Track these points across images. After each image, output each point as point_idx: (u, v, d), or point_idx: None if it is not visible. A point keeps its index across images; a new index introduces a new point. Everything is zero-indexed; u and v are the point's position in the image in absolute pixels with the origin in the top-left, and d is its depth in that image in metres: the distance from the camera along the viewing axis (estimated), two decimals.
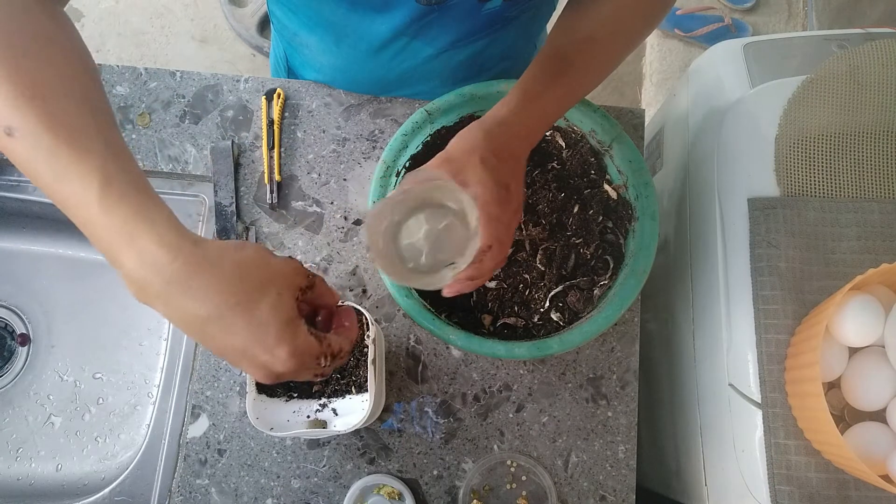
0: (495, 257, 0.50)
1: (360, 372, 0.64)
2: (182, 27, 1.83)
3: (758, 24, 1.78)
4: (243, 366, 0.40)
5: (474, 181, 0.48)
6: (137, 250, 0.37)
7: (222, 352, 0.39)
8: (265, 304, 0.39)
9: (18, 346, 0.87)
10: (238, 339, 0.38)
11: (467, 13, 0.65)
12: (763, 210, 0.69)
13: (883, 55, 0.73)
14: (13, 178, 0.81)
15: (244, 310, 0.38)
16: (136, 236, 0.37)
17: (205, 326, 0.38)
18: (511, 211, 0.51)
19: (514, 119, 0.52)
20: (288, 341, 0.39)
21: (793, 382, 0.63)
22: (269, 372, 0.40)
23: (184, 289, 0.37)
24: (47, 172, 0.37)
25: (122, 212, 0.37)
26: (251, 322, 0.38)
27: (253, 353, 0.39)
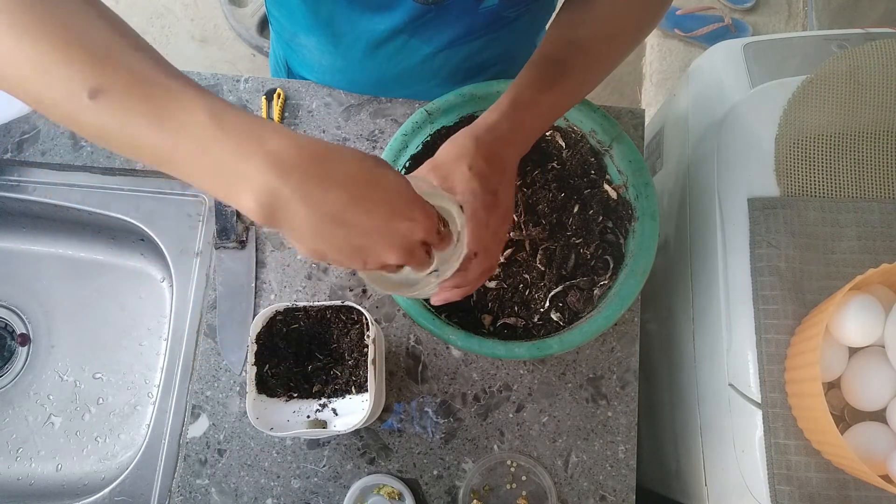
0: (482, 265, 0.49)
1: (360, 372, 0.64)
2: (182, 27, 1.83)
3: (758, 24, 1.78)
4: (384, 246, 0.40)
5: (462, 188, 0.48)
6: (268, 153, 0.36)
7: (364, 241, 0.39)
8: (391, 178, 0.40)
9: (18, 346, 0.87)
10: (378, 216, 0.38)
11: (465, 12, 0.65)
12: (763, 210, 0.69)
13: (883, 55, 0.73)
14: (13, 178, 0.81)
15: (378, 185, 0.39)
16: (263, 139, 0.36)
17: (346, 214, 0.38)
18: (499, 218, 0.50)
19: (505, 125, 0.51)
20: (420, 203, 0.41)
21: (793, 382, 0.63)
22: (411, 241, 0.40)
23: (321, 179, 0.37)
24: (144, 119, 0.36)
25: (239, 125, 0.36)
26: (387, 194, 0.39)
27: (394, 224, 0.39)
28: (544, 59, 0.54)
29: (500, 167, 0.51)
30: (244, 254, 0.76)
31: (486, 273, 0.51)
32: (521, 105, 0.52)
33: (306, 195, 0.36)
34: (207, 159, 0.36)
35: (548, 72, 0.53)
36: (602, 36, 0.55)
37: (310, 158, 0.37)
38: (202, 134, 0.36)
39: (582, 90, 0.57)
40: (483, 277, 0.51)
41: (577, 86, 0.55)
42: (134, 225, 0.81)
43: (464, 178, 0.48)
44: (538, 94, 0.53)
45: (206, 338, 0.74)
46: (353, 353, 0.65)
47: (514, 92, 0.53)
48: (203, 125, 0.36)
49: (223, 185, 0.37)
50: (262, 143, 0.36)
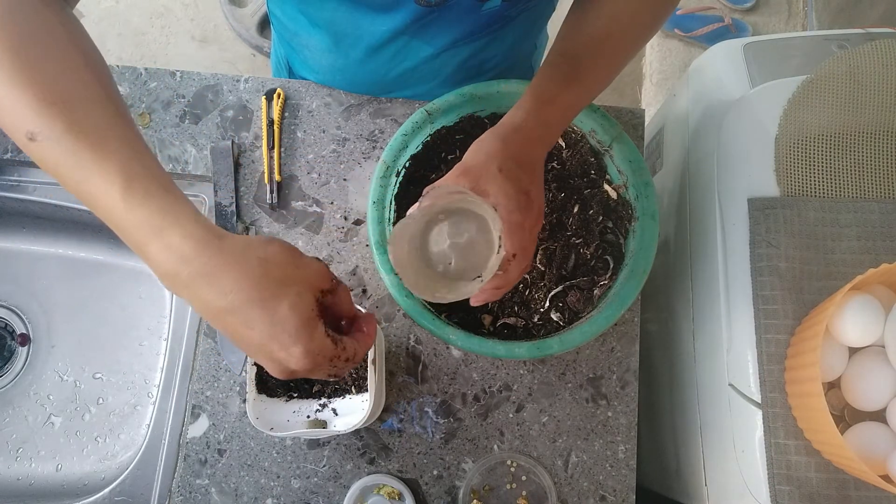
0: (520, 264, 0.50)
1: (360, 372, 0.64)
2: (182, 27, 1.83)
3: (758, 24, 1.78)
4: (259, 359, 0.41)
5: (494, 190, 0.48)
6: (165, 244, 0.38)
7: (240, 343, 0.41)
8: (285, 303, 0.40)
9: (18, 346, 0.87)
10: (255, 334, 0.39)
11: (467, 13, 0.65)
12: (763, 210, 0.69)
13: (883, 55, 0.73)
14: (13, 178, 0.81)
15: (264, 306, 0.39)
16: (163, 231, 0.38)
17: (225, 318, 0.39)
18: (533, 217, 0.50)
19: (530, 123, 0.51)
20: (304, 341, 0.40)
21: (793, 382, 0.63)
22: (284, 368, 0.41)
23: (208, 281, 0.38)
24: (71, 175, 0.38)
25: (146, 210, 0.38)
26: (270, 319, 0.39)
27: (269, 348, 0.40)
28: (561, 56, 0.54)
29: (530, 166, 0.51)
30: None
31: (524, 271, 0.51)
32: (544, 102, 0.52)
33: (192, 291, 0.39)
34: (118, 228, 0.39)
35: (566, 68, 0.54)
36: (616, 30, 0.55)
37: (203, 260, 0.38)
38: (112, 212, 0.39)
39: (600, 84, 0.57)
40: (521, 276, 0.52)
41: (594, 80, 0.56)
42: None
43: (495, 180, 0.48)
44: (559, 91, 0.53)
45: (206, 338, 0.74)
46: None
47: (536, 89, 0.53)
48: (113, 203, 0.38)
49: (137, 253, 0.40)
50: (161, 235, 0.38)
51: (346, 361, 0.44)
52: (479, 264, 0.47)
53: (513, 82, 0.69)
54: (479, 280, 0.47)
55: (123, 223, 0.39)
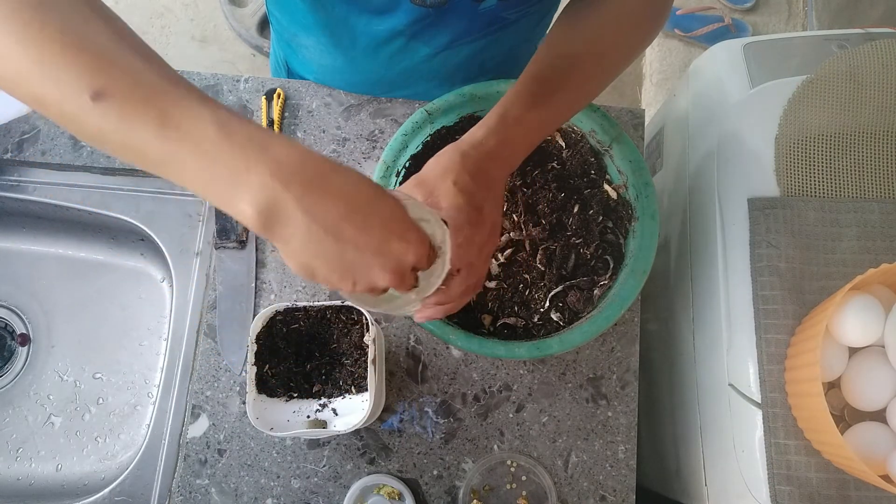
0: (465, 281, 0.49)
1: (360, 372, 0.64)
2: (182, 27, 1.83)
3: (758, 24, 1.78)
4: (376, 266, 0.40)
5: (446, 204, 0.48)
6: (272, 159, 0.36)
7: (356, 258, 0.39)
8: (390, 201, 0.40)
9: (18, 346, 0.87)
10: (373, 233, 0.39)
11: (464, 14, 0.65)
12: (763, 210, 0.69)
13: (883, 55, 0.73)
14: (13, 178, 0.81)
15: (376, 205, 0.39)
16: (269, 147, 0.36)
17: (342, 228, 0.38)
18: (484, 234, 0.49)
19: (492, 141, 0.51)
20: (415, 227, 0.41)
21: (793, 382, 0.63)
22: (402, 263, 0.41)
23: (323, 189, 0.37)
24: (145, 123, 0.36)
25: (244, 132, 0.37)
26: (384, 214, 0.39)
27: (388, 245, 0.39)
28: (533, 75, 0.54)
29: (487, 183, 0.50)
30: (244, 254, 0.76)
31: (470, 290, 0.50)
32: (509, 121, 0.52)
33: (306, 205, 0.37)
34: (209, 165, 0.36)
35: (536, 88, 0.53)
36: (593, 53, 0.55)
37: (314, 170, 0.37)
38: (206, 141, 0.36)
39: (572, 107, 0.56)
40: (467, 294, 0.50)
41: (566, 103, 0.55)
42: (134, 225, 0.81)
43: (449, 193, 0.48)
44: (526, 111, 0.52)
45: (206, 338, 0.74)
46: (353, 353, 0.65)
47: (502, 108, 0.52)
48: (207, 132, 0.36)
49: (223, 191, 0.37)
50: (267, 152, 0.36)
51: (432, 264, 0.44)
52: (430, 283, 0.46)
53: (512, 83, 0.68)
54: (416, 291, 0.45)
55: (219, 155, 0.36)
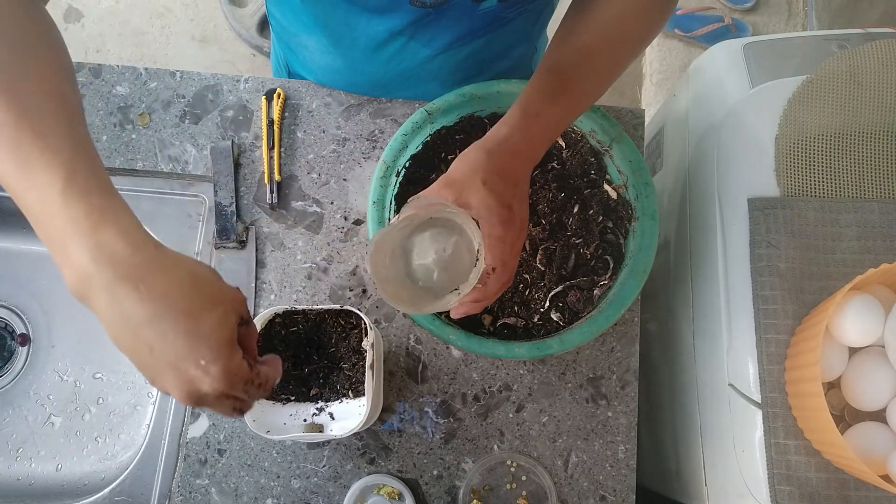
0: (500, 279, 0.49)
1: (357, 376, 0.64)
2: (182, 27, 1.83)
3: (758, 24, 1.78)
4: (167, 380, 0.39)
5: (477, 203, 0.48)
6: (97, 240, 0.36)
7: (149, 361, 0.38)
8: (212, 318, 0.39)
9: (18, 346, 0.87)
10: (172, 349, 0.37)
11: (463, 14, 0.65)
12: (763, 210, 0.69)
13: (883, 55, 0.73)
14: None
15: (189, 318, 0.38)
16: (100, 228, 0.37)
17: (141, 329, 0.37)
18: (515, 231, 0.50)
19: (516, 138, 0.51)
20: (224, 359, 0.39)
21: (793, 382, 0.63)
22: (193, 389, 0.39)
23: (135, 286, 0.37)
24: (10, 161, 0.37)
25: (85, 205, 0.37)
26: (193, 332, 0.38)
27: (184, 366, 0.38)
28: (550, 69, 0.54)
29: (514, 180, 0.50)
30: (244, 254, 0.76)
31: (504, 286, 0.51)
32: (530, 116, 0.52)
33: (113, 294, 0.37)
34: (44, 225, 0.37)
35: (554, 82, 0.53)
36: (606, 43, 0.55)
37: (135, 262, 0.37)
38: (48, 200, 0.37)
39: (589, 98, 0.56)
40: (501, 290, 0.51)
41: (583, 94, 0.55)
42: None
43: (478, 193, 0.48)
44: (546, 105, 0.52)
45: None
46: (352, 357, 0.65)
47: (523, 104, 0.53)
48: (52, 192, 0.37)
49: (53, 252, 0.37)
50: (96, 232, 0.37)
51: (259, 388, 0.43)
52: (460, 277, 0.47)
53: (513, 82, 0.69)
54: (456, 293, 0.46)
55: (55, 218, 0.37)
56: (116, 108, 0.80)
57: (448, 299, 0.47)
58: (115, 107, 0.80)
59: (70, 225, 0.37)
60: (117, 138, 0.79)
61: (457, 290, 0.46)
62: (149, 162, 0.78)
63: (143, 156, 0.78)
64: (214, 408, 0.41)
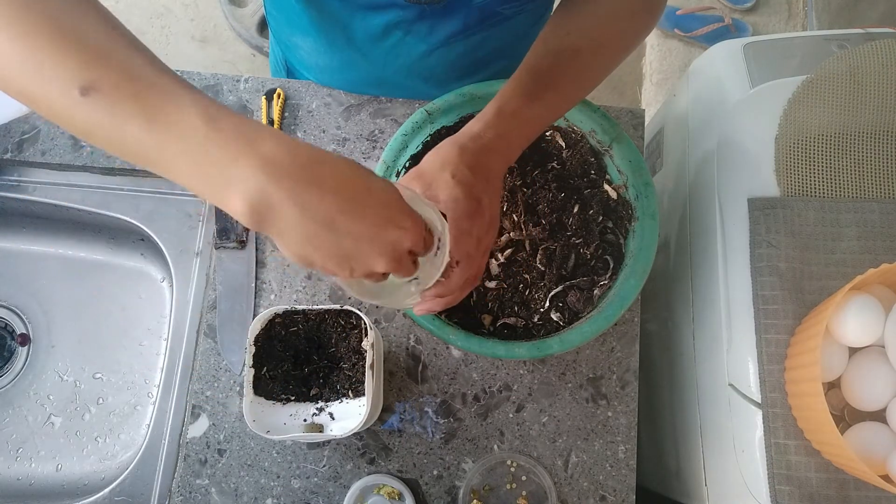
0: (464, 273, 0.49)
1: (357, 376, 0.64)
2: (182, 27, 1.83)
3: (758, 24, 1.78)
4: (373, 254, 0.40)
5: (444, 196, 0.48)
6: (260, 154, 0.36)
7: (352, 248, 0.39)
8: (383, 186, 0.40)
9: (18, 346, 0.87)
10: (368, 222, 0.39)
11: (460, 9, 0.65)
12: (763, 210, 0.69)
13: (883, 55, 0.73)
14: (13, 178, 0.81)
15: (370, 194, 0.39)
16: (256, 141, 0.36)
17: (337, 221, 0.38)
18: (483, 226, 0.49)
19: (489, 134, 0.51)
20: (410, 212, 0.41)
21: (793, 382, 0.63)
22: (399, 250, 0.40)
23: (313, 183, 0.37)
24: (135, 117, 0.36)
25: (231, 126, 0.36)
26: (377, 201, 0.39)
27: (384, 232, 0.39)
28: (530, 69, 0.54)
29: (485, 176, 0.50)
30: (244, 254, 0.76)
31: (469, 283, 0.50)
32: (506, 115, 0.52)
33: (298, 199, 0.36)
34: (198, 160, 0.36)
35: (533, 82, 0.53)
36: (590, 45, 0.55)
37: (303, 163, 0.37)
38: (194, 134, 0.36)
39: (570, 100, 0.56)
40: (467, 287, 0.50)
41: (563, 96, 0.55)
42: (134, 225, 0.81)
43: (447, 185, 0.48)
44: (523, 105, 0.52)
45: (206, 338, 0.74)
46: (352, 357, 0.65)
47: (499, 102, 0.52)
48: (195, 126, 0.36)
49: (213, 187, 0.36)
50: (256, 146, 0.36)
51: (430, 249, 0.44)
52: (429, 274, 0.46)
53: None
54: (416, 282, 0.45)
55: (207, 148, 0.36)
56: None
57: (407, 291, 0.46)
58: None
59: (228, 149, 0.36)
60: None
61: (416, 279, 0.45)
62: None
63: None
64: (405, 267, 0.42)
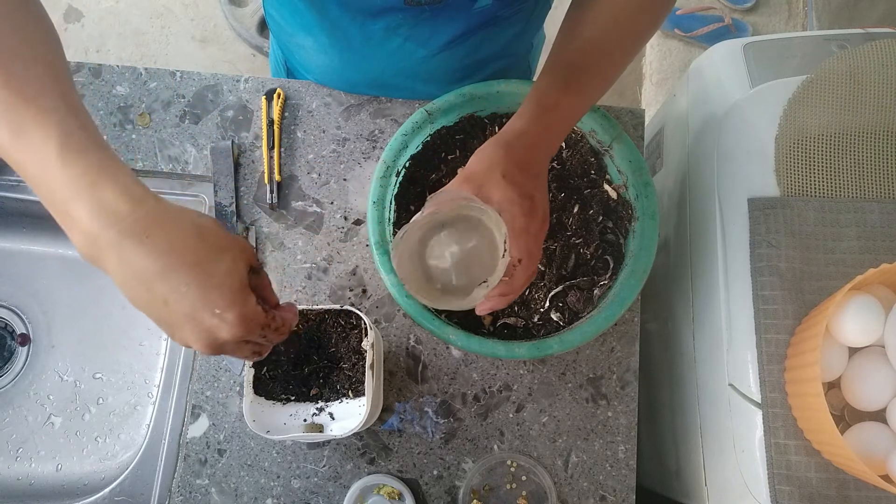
0: (527, 270, 0.49)
1: (357, 376, 0.64)
2: (182, 27, 1.83)
3: (758, 24, 1.78)
4: (185, 332, 0.39)
5: (498, 196, 0.48)
6: (97, 199, 0.36)
7: (165, 315, 0.38)
8: (221, 267, 0.39)
9: (18, 346, 0.87)
10: (186, 301, 0.38)
11: (458, 12, 0.65)
12: (763, 210, 0.69)
13: (883, 55, 0.73)
14: (13, 178, 0.81)
15: (199, 269, 0.38)
16: (98, 186, 0.36)
17: (153, 284, 0.37)
18: (538, 222, 0.50)
19: (533, 130, 0.51)
20: (238, 305, 0.39)
21: (793, 382, 0.63)
22: (212, 338, 0.39)
23: (140, 241, 0.37)
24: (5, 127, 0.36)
25: (82, 163, 0.37)
26: (205, 282, 0.38)
27: (200, 316, 0.38)
28: (560, 62, 0.54)
29: (534, 172, 0.51)
30: None
31: (530, 278, 0.51)
32: (547, 108, 0.52)
33: (121, 252, 0.36)
34: (47, 189, 0.37)
35: (566, 75, 0.54)
36: (613, 35, 0.55)
37: (139, 217, 0.37)
38: (46, 164, 0.36)
39: (601, 88, 0.57)
40: (528, 282, 0.51)
41: (596, 85, 0.56)
42: None
43: (499, 186, 0.48)
44: (561, 96, 0.53)
45: None
46: (351, 357, 0.65)
47: (538, 96, 0.53)
48: (49, 155, 0.36)
49: (58, 216, 0.37)
50: (94, 189, 0.36)
51: (276, 331, 0.43)
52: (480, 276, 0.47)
53: (512, 82, 0.69)
54: (484, 286, 0.46)
55: (54, 180, 0.36)
56: (116, 108, 0.80)
57: (475, 294, 0.47)
58: (115, 107, 0.80)
59: (70, 186, 0.36)
60: (117, 138, 0.79)
61: (485, 283, 0.46)
62: (149, 162, 0.78)
63: (143, 156, 0.78)
64: (235, 353, 0.42)
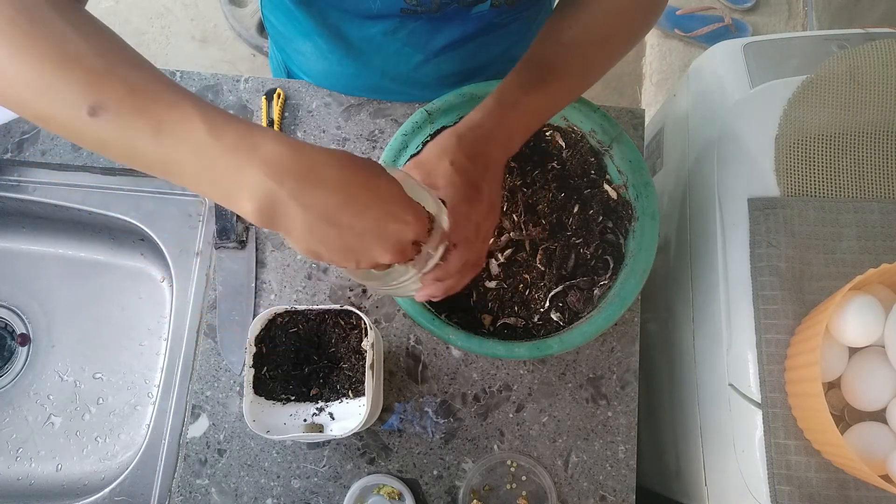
0: (462, 256, 0.49)
1: (357, 376, 0.64)
2: (182, 27, 1.83)
3: (758, 24, 1.78)
4: (374, 249, 0.41)
5: (443, 182, 0.49)
6: (263, 159, 0.37)
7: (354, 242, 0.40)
8: (383, 181, 0.41)
9: (18, 346, 0.87)
10: (370, 218, 0.40)
11: (455, 18, 0.65)
12: (763, 210, 0.69)
13: (883, 55, 0.73)
14: (13, 178, 0.81)
15: (369, 189, 0.40)
16: (259, 146, 0.37)
17: (340, 217, 0.39)
18: (482, 211, 0.50)
19: (488, 123, 0.52)
20: (411, 205, 0.42)
21: (793, 382, 0.63)
22: (400, 243, 0.42)
23: (316, 179, 0.38)
24: (142, 132, 0.37)
25: (233, 132, 0.38)
26: (379, 196, 0.40)
27: (385, 225, 0.40)
28: (531, 60, 0.54)
29: (483, 164, 0.51)
30: (244, 254, 0.76)
31: (468, 267, 0.50)
32: (506, 104, 0.52)
33: (301, 198, 0.38)
34: (205, 169, 0.38)
35: (534, 73, 0.53)
36: (592, 39, 0.55)
37: (304, 162, 0.38)
38: (199, 145, 0.37)
39: (571, 93, 0.56)
40: (466, 272, 0.51)
41: (564, 88, 0.55)
42: (134, 225, 0.81)
43: (445, 172, 0.49)
44: (523, 95, 0.53)
45: (206, 338, 0.74)
46: (351, 357, 0.65)
47: (499, 92, 0.53)
48: (200, 137, 0.37)
49: (222, 193, 0.38)
50: (256, 150, 0.37)
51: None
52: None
53: None
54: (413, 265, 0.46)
55: (213, 156, 0.37)
56: None
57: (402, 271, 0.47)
58: None
59: (232, 155, 0.37)
60: None
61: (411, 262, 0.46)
62: None
63: None
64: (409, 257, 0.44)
